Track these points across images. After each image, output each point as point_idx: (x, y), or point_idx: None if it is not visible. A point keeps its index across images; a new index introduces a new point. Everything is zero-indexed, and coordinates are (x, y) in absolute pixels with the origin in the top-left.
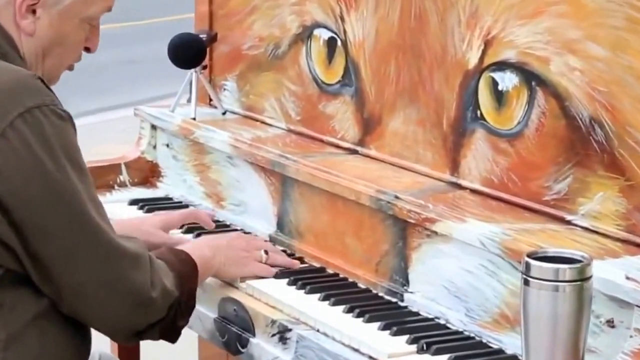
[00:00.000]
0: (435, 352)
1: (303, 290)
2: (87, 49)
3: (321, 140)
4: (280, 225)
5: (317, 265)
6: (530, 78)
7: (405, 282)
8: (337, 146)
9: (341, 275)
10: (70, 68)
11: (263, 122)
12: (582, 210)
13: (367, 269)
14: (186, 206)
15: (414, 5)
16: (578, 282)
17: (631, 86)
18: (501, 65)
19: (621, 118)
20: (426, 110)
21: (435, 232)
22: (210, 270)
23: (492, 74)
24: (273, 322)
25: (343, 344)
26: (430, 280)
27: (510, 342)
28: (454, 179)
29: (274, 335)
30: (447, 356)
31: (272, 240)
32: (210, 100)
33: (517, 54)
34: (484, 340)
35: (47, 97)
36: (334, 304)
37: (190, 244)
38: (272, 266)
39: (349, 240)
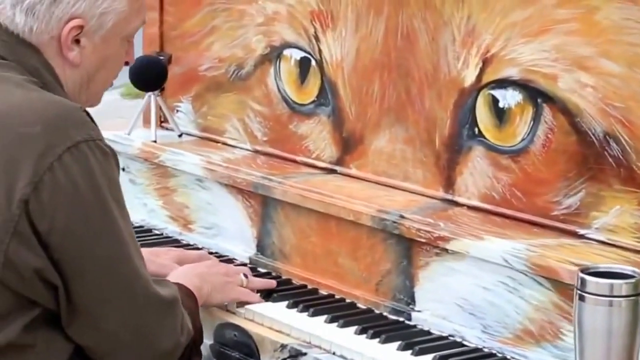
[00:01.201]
0: None
1: (306, 313)
2: (126, 63)
3: (293, 161)
4: (260, 248)
5: (309, 286)
6: (536, 95)
7: (411, 300)
8: (313, 166)
9: (337, 296)
10: (111, 85)
11: (224, 144)
12: (597, 224)
13: (367, 289)
14: (149, 230)
15: (401, 24)
16: (633, 297)
17: None
18: (502, 83)
19: (639, 133)
20: (415, 128)
21: (446, 250)
22: (201, 299)
23: (492, 92)
24: (283, 346)
25: None
26: (440, 299)
27: (536, 357)
28: (448, 197)
29: (284, 359)
30: None
31: (253, 262)
32: (162, 122)
33: (521, 72)
34: (508, 357)
35: (93, 131)
36: (344, 325)
37: (180, 274)
38: (251, 289)
39: (343, 261)
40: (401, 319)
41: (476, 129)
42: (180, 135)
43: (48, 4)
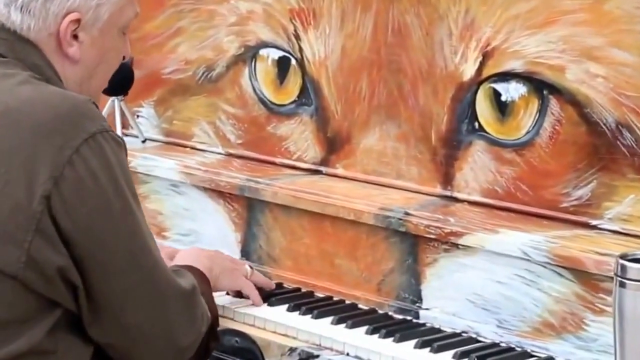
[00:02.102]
0: None
1: (310, 315)
2: (123, 57)
3: (272, 163)
4: (245, 253)
5: (303, 289)
6: (542, 87)
7: (417, 299)
8: (294, 167)
9: (336, 298)
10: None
11: (193, 148)
12: (609, 214)
13: (367, 289)
14: None
15: (391, 20)
16: None
17: None
18: (505, 76)
19: None
20: (409, 125)
21: (456, 246)
22: (211, 281)
23: (494, 85)
24: (292, 349)
25: None
26: (450, 295)
27: (558, 349)
28: (447, 193)
29: None
30: None
31: None
32: (122, 128)
33: (525, 64)
34: (528, 350)
35: (105, 122)
36: (352, 326)
37: (188, 256)
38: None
39: (340, 262)
40: (409, 317)
41: (476, 124)
42: (144, 141)
43: (43, 0)
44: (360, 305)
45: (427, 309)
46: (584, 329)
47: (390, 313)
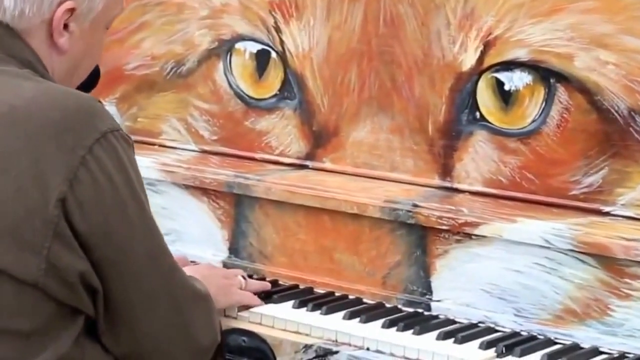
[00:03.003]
0: (521, 354)
1: (319, 312)
2: None
3: (252, 159)
4: (234, 250)
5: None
6: (548, 75)
7: (427, 291)
8: (277, 162)
9: (338, 293)
10: None
11: (162, 146)
12: (622, 200)
13: (372, 284)
14: None
15: (382, 11)
16: None
17: None
18: (508, 65)
19: None
20: (403, 116)
21: (469, 236)
22: None
23: (496, 75)
24: (307, 347)
25: (410, 359)
26: (463, 286)
27: (582, 335)
28: (446, 184)
29: None
30: (537, 356)
31: (226, 266)
32: None
33: (530, 53)
34: (552, 338)
35: (114, 120)
36: (366, 320)
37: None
38: (249, 292)
39: (340, 257)
40: (419, 310)
41: (477, 114)
42: None
43: None
44: (365, 300)
45: (438, 300)
46: (609, 315)
47: (399, 306)
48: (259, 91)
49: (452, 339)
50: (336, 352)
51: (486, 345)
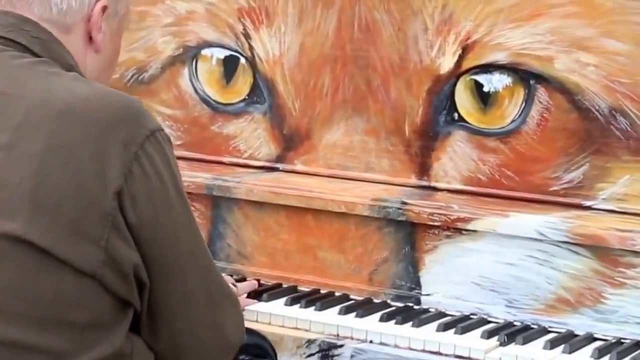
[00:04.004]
0: (523, 342)
1: (313, 307)
2: None
3: (219, 162)
4: (211, 252)
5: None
6: (528, 77)
7: (416, 285)
8: (246, 165)
9: (323, 291)
10: None
11: None
12: (604, 195)
13: (358, 280)
14: None
15: (357, 17)
16: None
17: None
18: (487, 68)
19: None
20: (379, 118)
21: (459, 231)
22: None
23: (475, 77)
24: (310, 341)
25: (417, 350)
26: (453, 280)
27: (576, 323)
28: (423, 183)
29: (310, 355)
30: (540, 343)
31: None
32: None
33: (509, 56)
34: (546, 326)
35: (157, 120)
36: (363, 315)
37: None
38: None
39: (324, 255)
40: (409, 304)
41: (455, 115)
42: None
43: None
44: (352, 296)
45: (428, 294)
46: (603, 302)
47: (388, 301)
48: (227, 96)
49: (453, 330)
50: (340, 346)
51: (488, 335)
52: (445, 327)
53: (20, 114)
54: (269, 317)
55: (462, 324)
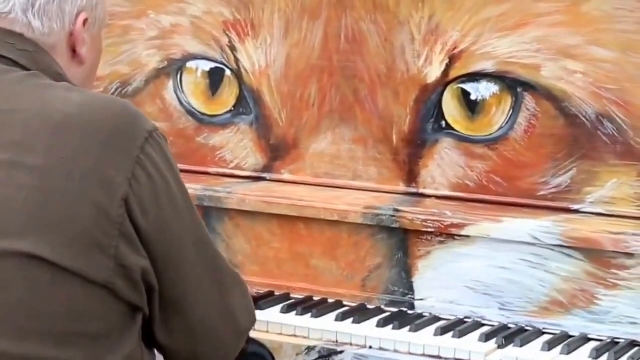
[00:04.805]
0: (521, 344)
1: (309, 315)
2: None
3: (205, 173)
4: None
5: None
6: (515, 85)
7: (409, 291)
8: (232, 175)
9: (317, 298)
10: None
11: None
12: (591, 199)
13: (351, 287)
14: None
15: (344, 28)
16: None
17: None
18: (474, 76)
19: (636, 111)
20: (366, 127)
21: (452, 237)
22: None
23: (462, 86)
24: (310, 348)
25: (417, 354)
26: (446, 285)
27: (570, 324)
28: (411, 190)
29: None
30: (538, 345)
31: None
32: None
33: (496, 64)
34: (540, 328)
35: (150, 121)
36: (359, 321)
37: None
38: None
39: (316, 263)
40: (403, 309)
41: (443, 123)
42: None
43: (59, 1)
44: (346, 302)
45: (421, 299)
46: (596, 304)
47: (382, 307)
48: (212, 108)
49: (451, 334)
50: (341, 352)
51: (485, 338)
52: (442, 331)
53: (19, 129)
54: (267, 325)
55: (458, 327)
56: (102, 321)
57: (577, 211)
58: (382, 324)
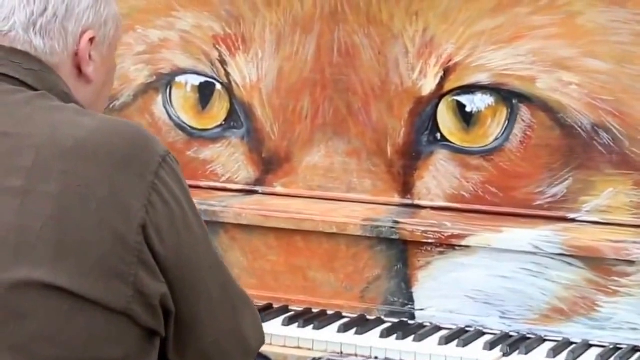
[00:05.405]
0: (526, 351)
1: (311, 326)
2: None
3: (196, 187)
4: None
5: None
6: (511, 96)
7: (409, 301)
8: (224, 189)
9: (315, 310)
10: None
11: None
12: (587, 207)
13: (349, 298)
14: None
15: (337, 41)
16: None
17: None
18: (469, 89)
19: (632, 121)
20: (360, 140)
21: (453, 247)
22: None
23: (457, 98)
24: None
25: None
26: (446, 294)
27: (571, 331)
28: (406, 201)
29: None
30: (542, 352)
31: None
32: None
33: (491, 77)
34: (542, 336)
35: (162, 144)
36: (362, 332)
37: None
38: None
39: (314, 275)
40: (404, 319)
41: (438, 135)
42: None
43: (61, 19)
44: (344, 313)
45: (422, 309)
46: (597, 310)
47: (382, 317)
48: (203, 122)
49: (455, 343)
50: None
51: (490, 346)
52: (446, 341)
53: (30, 155)
54: (270, 337)
55: (461, 336)
56: (121, 347)
57: (573, 220)
58: (386, 334)
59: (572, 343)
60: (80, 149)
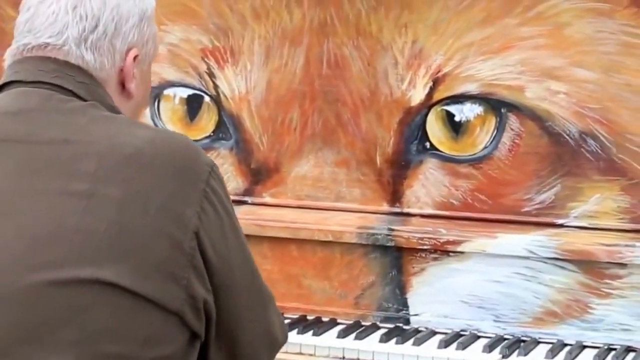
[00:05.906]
0: (525, 352)
1: (311, 332)
2: None
3: None
4: None
5: None
6: (499, 105)
7: (403, 307)
8: None
9: (310, 317)
10: None
11: None
12: (575, 213)
13: (344, 305)
14: None
15: (326, 53)
16: None
17: (628, 100)
18: (458, 98)
19: (619, 128)
20: (350, 150)
21: (447, 253)
22: None
23: (446, 107)
24: None
25: None
26: (441, 299)
27: (565, 333)
28: (395, 209)
29: None
30: (541, 353)
31: None
32: None
33: (480, 86)
34: (537, 338)
35: (207, 155)
36: (361, 337)
37: None
38: None
39: (309, 282)
40: (399, 324)
41: (427, 144)
42: None
43: (110, 37)
44: (339, 320)
45: (416, 315)
46: (590, 312)
47: (377, 323)
48: (191, 133)
49: (454, 346)
50: None
51: (489, 349)
52: (446, 344)
53: (92, 161)
54: None
55: (458, 340)
56: (171, 346)
57: (562, 225)
58: (385, 339)
59: (565, 345)
60: (139, 158)
